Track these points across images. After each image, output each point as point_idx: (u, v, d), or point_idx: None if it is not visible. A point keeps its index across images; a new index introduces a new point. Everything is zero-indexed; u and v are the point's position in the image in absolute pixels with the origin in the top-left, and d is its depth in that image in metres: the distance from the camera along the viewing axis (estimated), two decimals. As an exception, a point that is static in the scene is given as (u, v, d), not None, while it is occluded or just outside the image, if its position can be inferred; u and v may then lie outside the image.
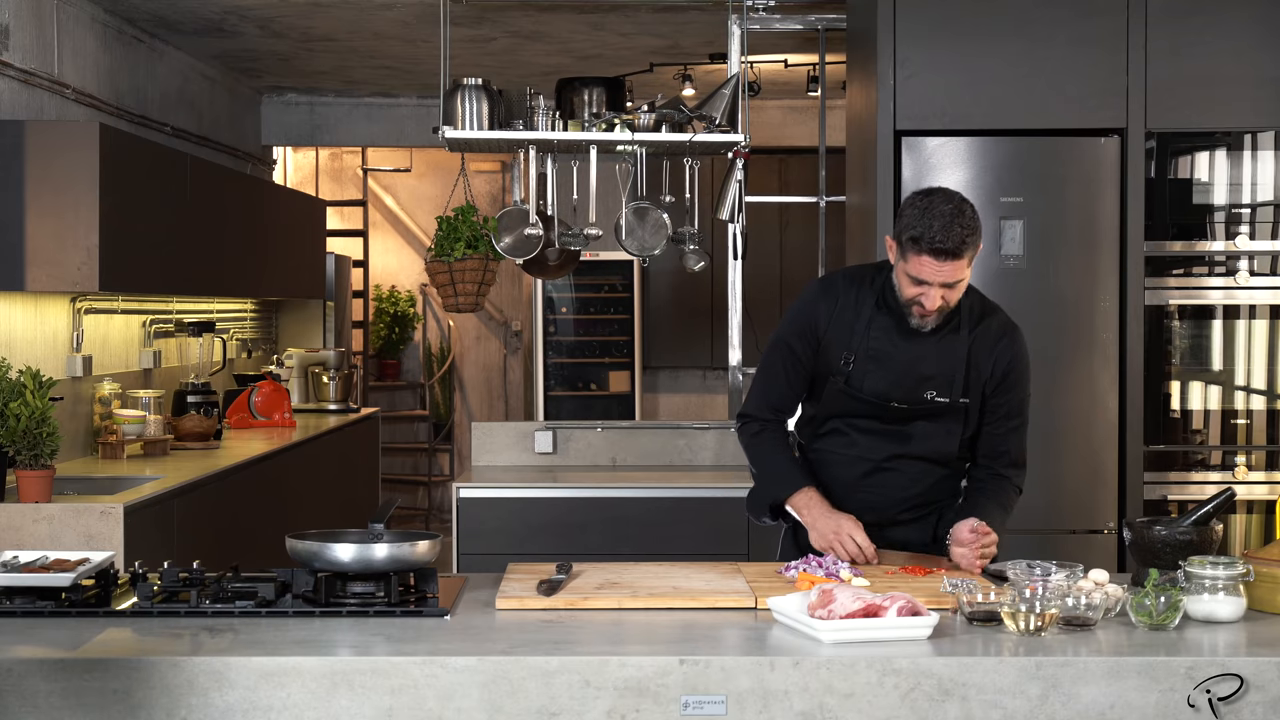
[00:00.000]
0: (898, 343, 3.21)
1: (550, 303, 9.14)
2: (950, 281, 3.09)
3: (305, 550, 2.75)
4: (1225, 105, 4.88)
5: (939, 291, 3.10)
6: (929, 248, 3.04)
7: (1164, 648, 2.50)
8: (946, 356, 3.22)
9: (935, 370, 3.21)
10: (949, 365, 3.21)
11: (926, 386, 3.22)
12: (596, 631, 2.60)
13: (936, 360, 3.21)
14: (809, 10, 5.94)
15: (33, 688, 2.37)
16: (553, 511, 5.06)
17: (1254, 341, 5.00)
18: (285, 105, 8.97)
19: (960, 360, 3.22)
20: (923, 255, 3.06)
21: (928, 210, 3.06)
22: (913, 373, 3.21)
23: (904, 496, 3.29)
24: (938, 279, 3.07)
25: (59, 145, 5.02)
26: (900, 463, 3.27)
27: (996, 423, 3.30)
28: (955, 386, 3.21)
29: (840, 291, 3.27)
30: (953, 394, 3.22)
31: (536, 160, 5.18)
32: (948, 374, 3.21)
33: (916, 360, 3.21)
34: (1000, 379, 3.26)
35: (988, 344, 3.25)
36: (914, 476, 3.29)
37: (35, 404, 4.32)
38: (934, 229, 3.03)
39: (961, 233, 3.03)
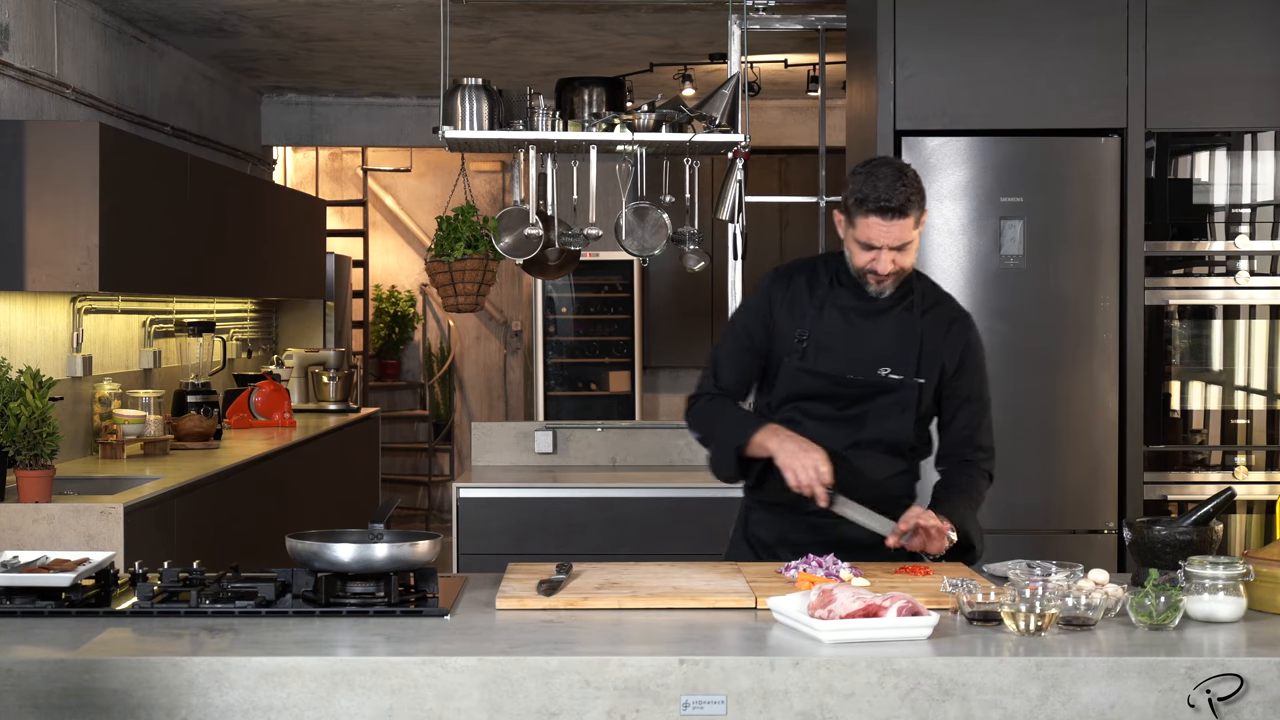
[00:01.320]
0: (853, 320, 3.25)
1: (550, 303, 9.14)
2: (899, 243, 3.14)
3: (305, 550, 2.75)
4: (1225, 105, 4.88)
5: (889, 255, 3.15)
6: (875, 207, 3.11)
7: (1164, 648, 2.50)
8: (900, 334, 3.25)
9: (889, 348, 3.25)
10: (903, 343, 3.25)
11: (881, 363, 3.24)
12: (596, 631, 2.60)
13: (891, 338, 3.25)
14: (809, 10, 5.94)
15: (33, 688, 2.37)
16: (553, 511, 5.06)
17: (1254, 341, 5.00)
18: (285, 105, 8.97)
19: (914, 338, 3.25)
20: (870, 217, 3.12)
21: (871, 175, 3.14)
22: (867, 349, 3.24)
23: (859, 488, 3.23)
24: (886, 240, 3.13)
25: (59, 145, 5.02)
26: (855, 453, 3.25)
27: (959, 409, 3.33)
28: (909, 364, 3.24)
29: (793, 278, 3.32)
30: (907, 371, 3.24)
31: (536, 160, 5.18)
32: (902, 351, 3.24)
33: (871, 337, 3.24)
34: (958, 364, 3.29)
35: (941, 327, 3.29)
36: (869, 468, 3.26)
37: (35, 404, 4.32)
38: (879, 189, 3.11)
39: (906, 191, 3.11)
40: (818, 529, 3.26)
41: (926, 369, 3.26)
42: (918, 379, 3.24)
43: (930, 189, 4.87)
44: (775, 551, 3.31)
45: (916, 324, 3.26)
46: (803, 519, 3.27)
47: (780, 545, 3.30)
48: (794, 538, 3.28)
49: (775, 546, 3.31)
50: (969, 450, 3.35)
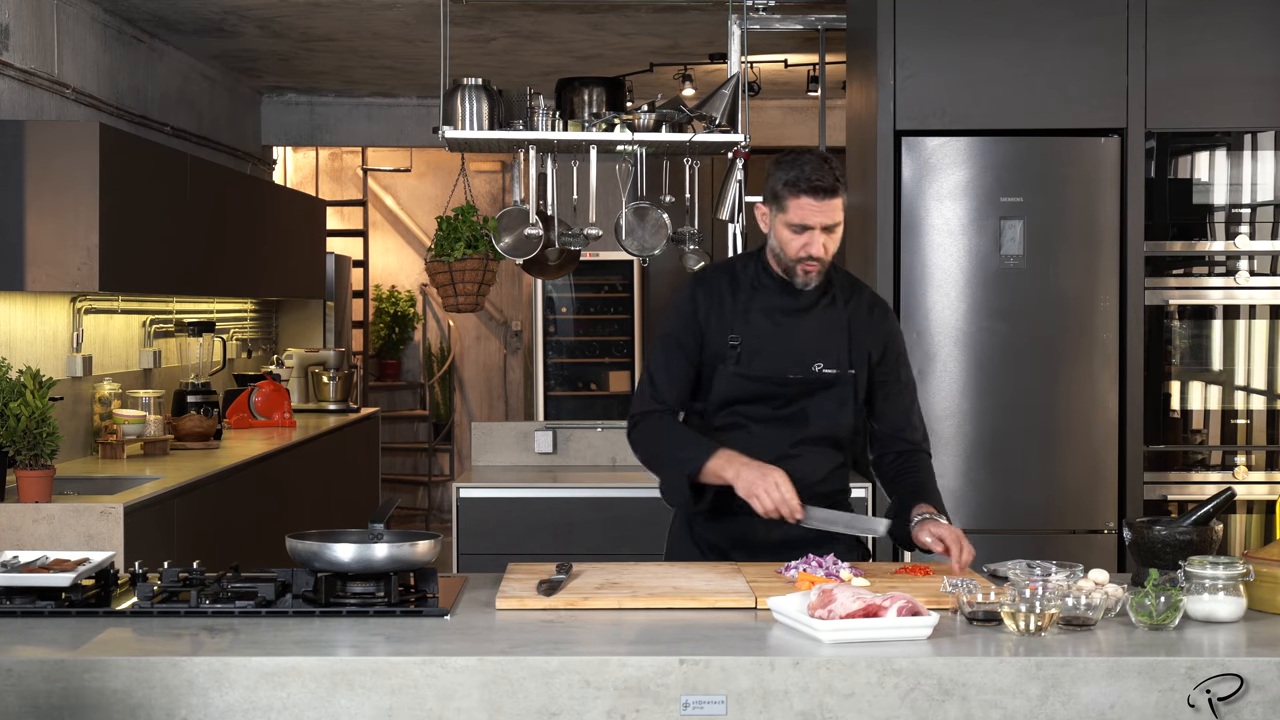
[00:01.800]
0: (780, 320, 3.26)
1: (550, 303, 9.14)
2: (830, 223, 3.15)
3: (305, 550, 2.74)
4: (1225, 105, 4.88)
5: (822, 238, 3.15)
6: (808, 187, 3.13)
7: (1164, 648, 2.50)
8: (828, 329, 3.26)
9: (820, 343, 3.26)
10: (832, 337, 3.26)
11: (814, 359, 3.25)
12: (596, 631, 2.60)
13: (819, 333, 3.26)
14: (809, 10, 5.94)
15: (33, 688, 2.37)
16: (553, 511, 5.06)
17: (1254, 341, 5.00)
18: (285, 105, 8.97)
19: (842, 331, 3.27)
20: (802, 197, 3.14)
21: (796, 161, 3.18)
22: (799, 347, 3.24)
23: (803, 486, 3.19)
24: (819, 219, 3.14)
25: (59, 145, 5.02)
26: (801, 450, 3.25)
27: (893, 397, 3.34)
28: (841, 357, 3.26)
29: (714, 282, 3.32)
30: (840, 364, 3.25)
31: (536, 160, 5.18)
32: (832, 345, 3.26)
33: (801, 335, 3.25)
34: (883, 351, 3.31)
35: (863, 316, 3.30)
36: (815, 464, 3.26)
37: (35, 404, 4.31)
38: (807, 170, 3.14)
39: (834, 173, 3.15)
40: (774, 527, 3.22)
41: (857, 359, 3.28)
42: (850, 370, 3.27)
43: (930, 189, 4.88)
44: (728, 554, 3.28)
45: (842, 315, 3.28)
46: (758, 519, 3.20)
47: (737, 549, 3.28)
48: (754, 538, 3.26)
49: (731, 550, 3.29)
50: (907, 432, 3.36)
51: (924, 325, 4.88)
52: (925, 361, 4.88)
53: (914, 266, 4.88)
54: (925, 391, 4.87)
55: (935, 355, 4.88)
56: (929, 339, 4.88)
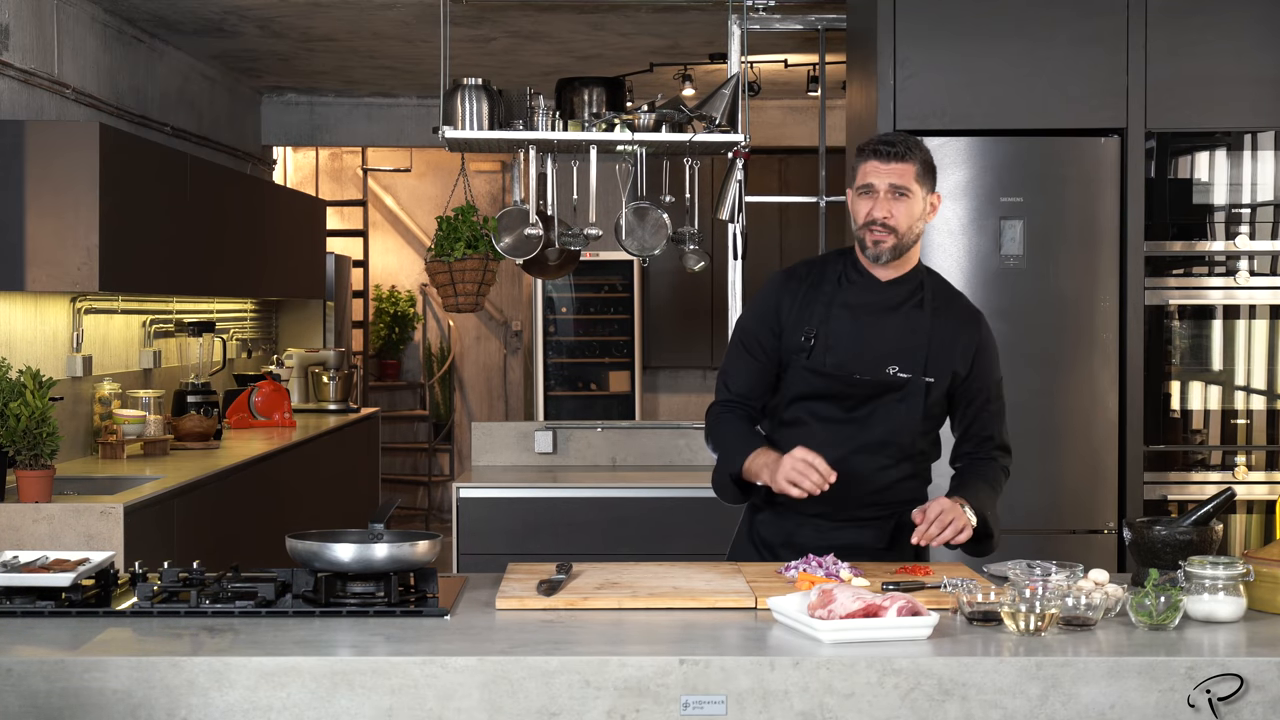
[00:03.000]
0: (861, 317, 3.22)
1: (550, 303, 9.14)
2: (897, 186, 3.14)
3: (305, 550, 2.74)
4: (1225, 105, 4.88)
5: (887, 202, 3.14)
6: (873, 150, 3.17)
7: (1164, 648, 2.50)
8: (909, 332, 3.22)
9: (898, 345, 3.21)
10: (912, 340, 3.21)
11: (889, 361, 3.20)
12: (596, 631, 2.60)
13: (899, 335, 3.22)
14: (809, 10, 5.94)
15: (33, 688, 2.37)
16: (553, 511, 5.06)
17: (1254, 341, 5.00)
18: (285, 105, 8.98)
19: (924, 336, 3.22)
20: (869, 161, 3.17)
21: (873, 137, 3.25)
22: (875, 347, 3.20)
23: (864, 492, 3.22)
24: (883, 180, 3.14)
25: (59, 145, 5.03)
26: (861, 456, 3.21)
27: (977, 408, 3.31)
28: (917, 362, 3.20)
29: (802, 278, 3.30)
30: (915, 369, 3.20)
31: (536, 160, 5.18)
32: (910, 349, 3.21)
33: (879, 335, 3.21)
34: (970, 365, 3.27)
35: (952, 327, 3.26)
36: (875, 470, 3.23)
37: (35, 404, 4.32)
38: (880, 137, 3.21)
39: (906, 140, 3.18)
40: (822, 532, 3.24)
41: (935, 368, 3.22)
42: (926, 378, 3.20)
43: (930, 189, 4.88)
44: (778, 553, 3.28)
45: (926, 321, 3.22)
46: (808, 520, 3.26)
47: (784, 547, 3.28)
48: (798, 540, 3.26)
49: (779, 548, 3.29)
50: (988, 449, 3.33)
51: (924, 325, 4.88)
52: (925, 361, 4.88)
53: (914, 266, 4.88)
54: (925, 391, 4.87)
55: (935, 355, 4.88)
56: (929, 339, 4.88)
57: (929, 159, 3.19)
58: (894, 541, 3.28)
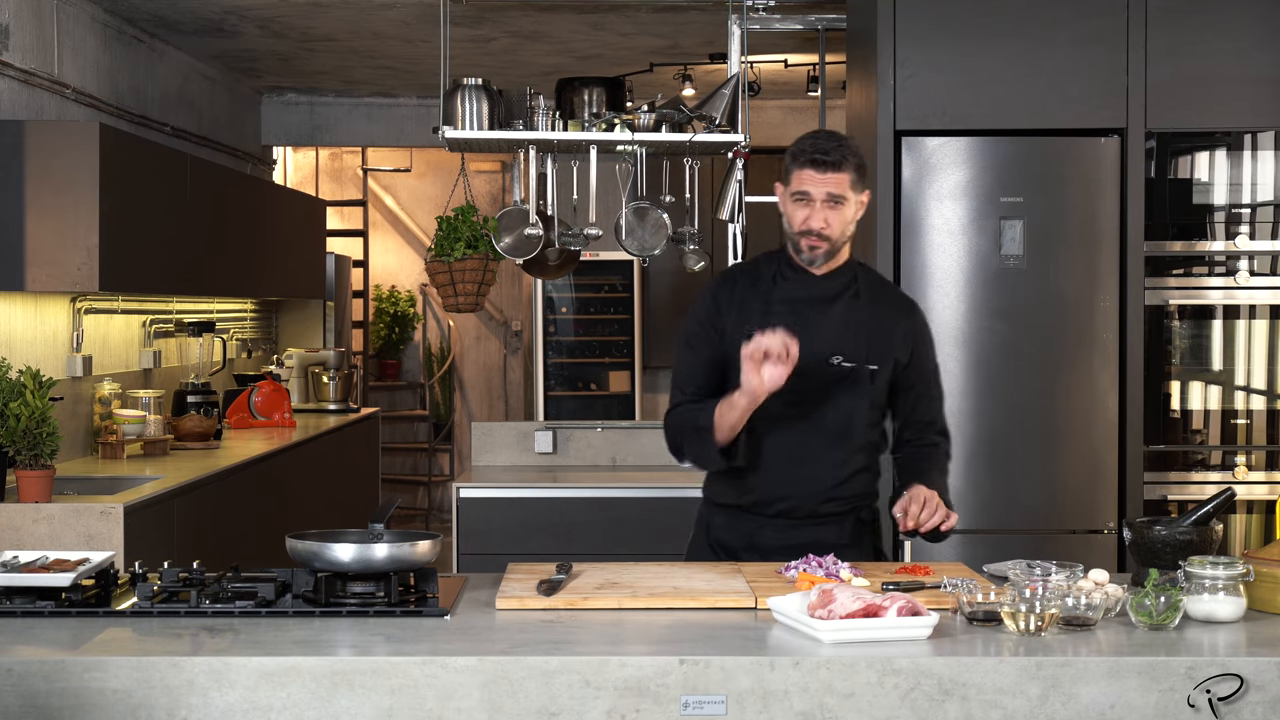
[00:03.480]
0: (800, 311, 3.25)
1: (550, 303, 9.13)
2: (834, 195, 3.15)
3: (305, 550, 2.74)
4: (1225, 105, 4.88)
5: (823, 212, 3.16)
6: (809, 160, 3.16)
7: (1164, 648, 2.50)
8: (848, 322, 3.25)
9: (838, 336, 3.24)
10: (851, 330, 3.25)
11: (832, 352, 3.23)
12: (596, 631, 2.60)
13: (839, 326, 3.25)
14: (809, 10, 5.94)
15: (33, 688, 2.37)
16: (553, 511, 5.06)
17: (1254, 341, 5.00)
18: (285, 105, 8.97)
19: (863, 326, 3.26)
20: (805, 170, 3.16)
21: (809, 135, 3.23)
22: (817, 339, 3.22)
23: (824, 486, 3.24)
24: (820, 190, 3.15)
25: (59, 145, 5.02)
26: (817, 451, 3.23)
27: (917, 396, 3.34)
28: (860, 351, 3.24)
29: (737, 279, 3.33)
30: (858, 358, 3.24)
31: (536, 160, 5.18)
32: (851, 339, 3.25)
33: (819, 327, 3.24)
34: (910, 353, 3.30)
35: (890, 316, 3.29)
36: (832, 465, 3.25)
37: (35, 404, 4.32)
38: (815, 143, 3.18)
39: (841, 147, 3.17)
40: (783, 531, 3.25)
41: (877, 356, 3.26)
42: (869, 365, 3.25)
43: (930, 189, 4.88)
44: (740, 555, 3.28)
45: (863, 311, 3.27)
46: (769, 522, 3.26)
47: (747, 550, 3.28)
48: (760, 542, 3.27)
49: (741, 551, 3.29)
50: (930, 435, 3.37)
51: (924, 325, 4.88)
52: (925, 361, 4.88)
53: (914, 266, 4.88)
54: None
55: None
56: (929, 339, 4.88)
57: (862, 160, 3.21)
58: (855, 537, 3.30)
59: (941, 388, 3.42)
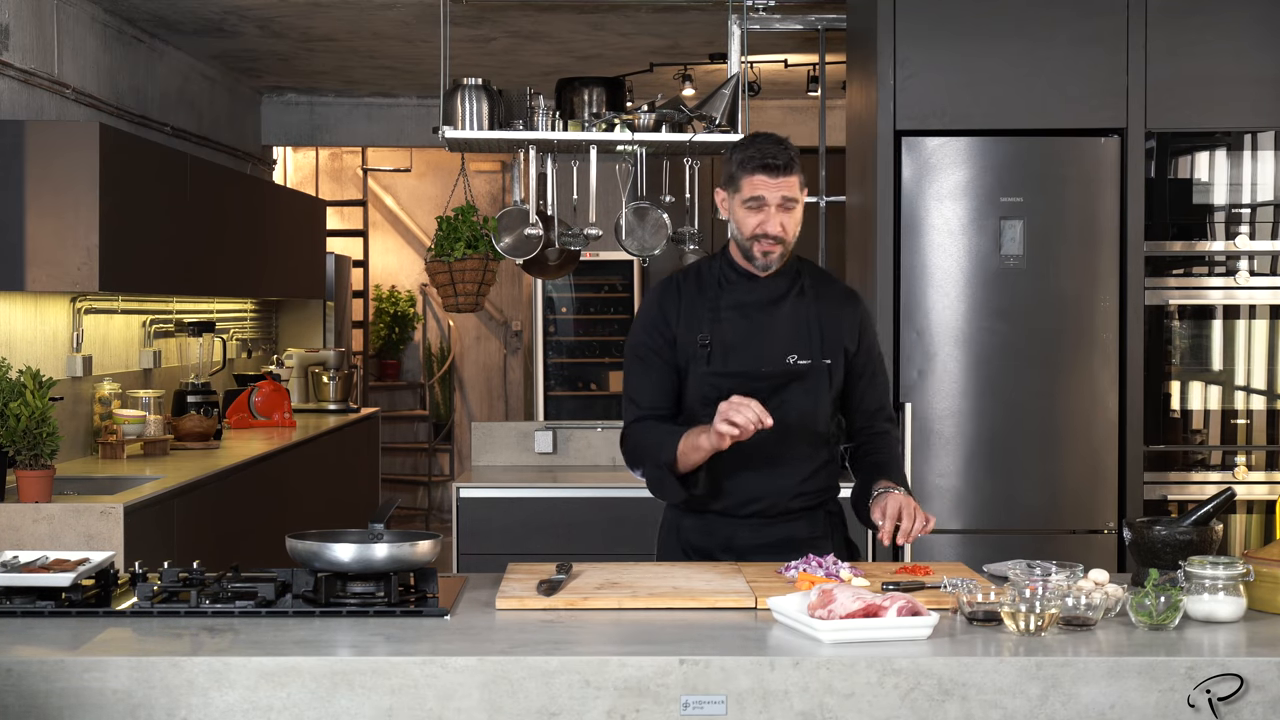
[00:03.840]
0: (750, 315, 3.26)
1: (550, 303, 9.14)
2: (787, 198, 3.17)
3: (305, 550, 2.74)
4: (1225, 105, 4.88)
5: (778, 216, 3.17)
6: (760, 164, 3.16)
7: (1164, 648, 2.50)
8: (799, 321, 3.26)
9: (791, 335, 3.25)
10: (803, 328, 3.26)
11: (787, 351, 3.24)
12: (596, 631, 2.60)
13: (791, 325, 3.26)
14: (809, 10, 5.94)
15: (33, 688, 2.37)
16: (553, 511, 5.06)
17: (1254, 341, 5.00)
18: (285, 105, 8.97)
19: (813, 322, 3.27)
20: (756, 175, 3.17)
21: (751, 141, 3.23)
22: (771, 341, 3.24)
23: (793, 484, 3.24)
24: (774, 194, 3.16)
25: (59, 145, 5.02)
26: (782, 448, 3.22)
27: (866, 381, 3.35)
28: (814, 348, 3.25)
29: (681, 285, 3.31)
30: (813, 355, 3.25)
31: (536, 160, 5.18)
32: (804, 337, 3.26)
33: (771, 328, 3.25)
34: (857, 342, 3.32)
35: (836, 308, 3.31)
36: (798, 460, 3.25)
37: (35, 404, 4.31)
38: (763, 149, 3.18)
39: (786, 150, 3.19)
40: (758, 530, 3.25)
41: (830, 350, 3.27)
42: (825, 360, 3.26)
43: (930, 189, 4.88)
44: (716, 556, 3.27)
45: (812, 307, 3.28)
46: (744, 522, 3.26)
47: (724, 550, 3.27)
48: (738, 542, 3.26)
49: (718, 551, 3.28)
50: (880, 421, 3.38)
51: (924, 325, 4.88)
52: (925, 361, 4.88)
53: (914, 266, 4.88)
54: (925, 391, 4.87)
55: (935, 355, 4.88)
56: (929, 339, 4.88)
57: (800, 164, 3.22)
58: (828, 529, 3.32)
59: (886, 374, 3.44)
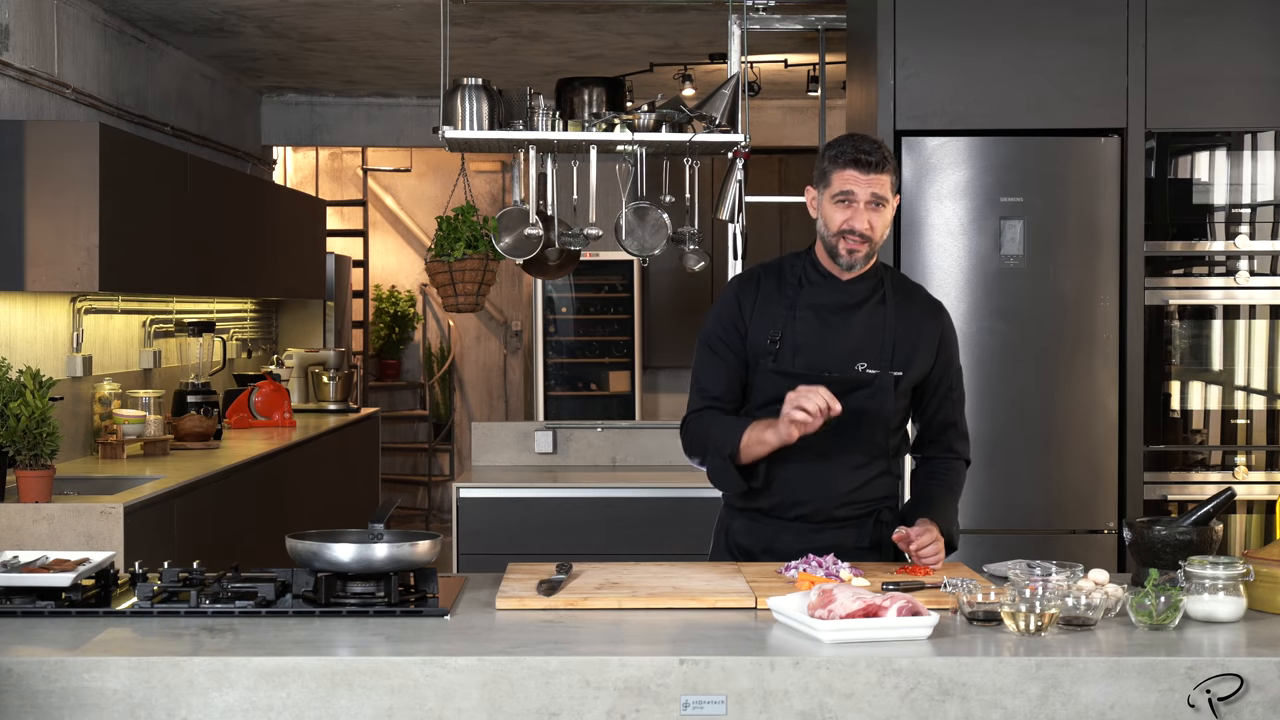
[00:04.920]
0: (825, 317, 3.22)
1: (550, 303, 9.13)
2: (877, 195, 3.14)
3: (305, 550, 2.75)
4: (1225, 105, 4.88)
5: (867, 214, 3.14)
6: (852, 159, 3.15)
7: (1164, 648, 2.50)
8: (874, 328, 3.22)
9: (864, 342, 3.21)
10: (877, 337, 3.22)
11: (857, 359, 3.20)
12: (596, 631, 2.60)
13: (864, 332, 3.22)
14: (809, 10, 5.94)
15: (33, 688, 2.37)
16: (553, 511, 5.06)
17: (1254, 341, 5.00)
18: (285, 105, 8.97)
19: (889, 332, 3.22)
20: (847, 170, 3.15)
21: (845, 138, 3.22)
22: (842, 346, 3.20)
23: (842, 490, 3.22)
24: (864, 190, 3.13)
25: (59, 145, 5.03)
26: (837, 455, 3.20)
27: (940, 397, 3.32)
28: (885, 357, 3.21)
29: (760, 280, 3.29)
30: (882, 365, 3.20)
31: (536, 160, 5.18)
32: (876, 345, 3.21)
33: (844, 333, 3.21)
34: (934, 356, 3.28)
35: (916, 320, 3.26)
36: (851, 468, 3.22)
37: (35, 404, 4.32)
38: (856, 145, 3.17)
39: (880, 149, 3.17)
40: (802, 536, 3.23)
41: (901, 362, 3.22)
42: (894, 372, 3.21)
43: (930, 189, 4.88)
44: (759, 559, 3.27)
45: (890, 317, 3.23)
46: (788, 525, 3.25)
47: (765, 553, 3.26)
48: (779, 546, 3.25)
49: (760, 554, 3.27)
50: (952, 438, 3.34)
51: (924, 325, 4.88)
52: (925, 361, 4.88)
53: (914, 266, 4.88)
54: (925, 391, 4.87)
55: (935, 355, 4.88)
56: (929, 339, 4.88)
57: (895, 165, 3.20)
58: (876, 541, 3.29)
59: (963, 390, 3.38)
